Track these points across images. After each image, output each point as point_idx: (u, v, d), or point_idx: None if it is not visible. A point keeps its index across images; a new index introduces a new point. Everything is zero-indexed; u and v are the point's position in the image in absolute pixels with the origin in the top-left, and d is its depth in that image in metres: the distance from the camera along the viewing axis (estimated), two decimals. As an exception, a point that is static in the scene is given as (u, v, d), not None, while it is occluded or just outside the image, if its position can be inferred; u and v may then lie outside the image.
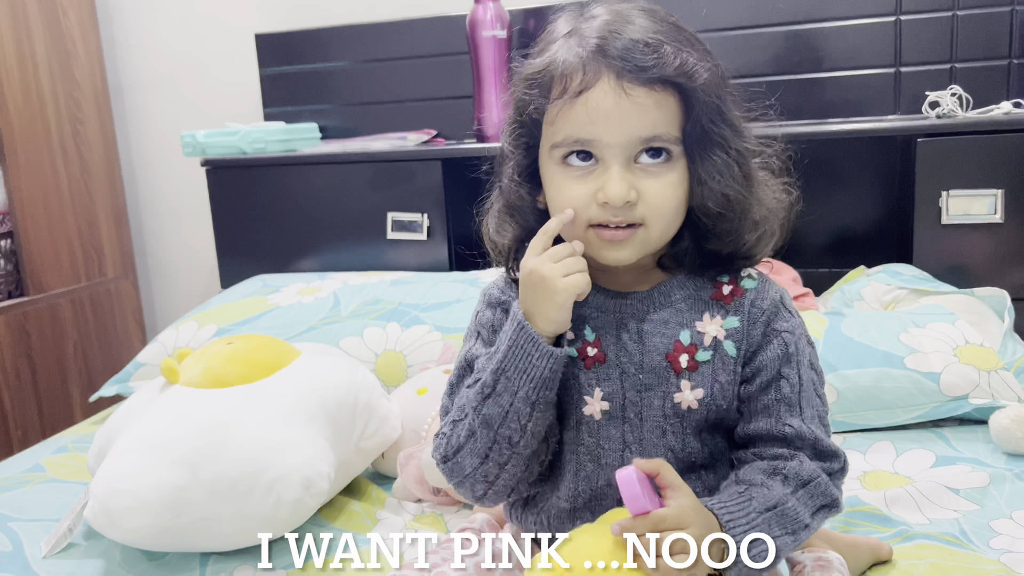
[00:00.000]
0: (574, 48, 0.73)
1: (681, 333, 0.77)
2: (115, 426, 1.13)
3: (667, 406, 0.77)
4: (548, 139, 0.76)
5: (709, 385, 0.76)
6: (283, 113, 2.22)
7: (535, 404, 0.73)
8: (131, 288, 2.41)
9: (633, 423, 0.77)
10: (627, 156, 0.72)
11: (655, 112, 0.71)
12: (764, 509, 0.71)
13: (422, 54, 2.09)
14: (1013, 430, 1.20)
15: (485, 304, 0.84)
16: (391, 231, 1.90)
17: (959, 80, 1.77)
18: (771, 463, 0.75)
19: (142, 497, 0.96)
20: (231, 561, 1.03)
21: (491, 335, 0.81)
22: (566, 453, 0.80)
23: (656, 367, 0.77)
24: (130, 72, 2.41)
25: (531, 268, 0.74)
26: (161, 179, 2.45)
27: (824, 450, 0.76)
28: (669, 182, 0.73)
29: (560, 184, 0.75)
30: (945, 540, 1.00)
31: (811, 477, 0.74)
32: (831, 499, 0.75)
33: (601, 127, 0.71)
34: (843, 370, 1.34)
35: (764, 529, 0.70)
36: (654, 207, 0.73)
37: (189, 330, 1.64)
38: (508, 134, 0.80)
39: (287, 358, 1.18)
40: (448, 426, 0.79)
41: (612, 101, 0.71)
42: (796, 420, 0.76)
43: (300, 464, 1.01)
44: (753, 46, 1.88)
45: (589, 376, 0.78)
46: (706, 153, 0.73)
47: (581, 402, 0.78)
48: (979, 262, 1.61)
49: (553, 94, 0.73)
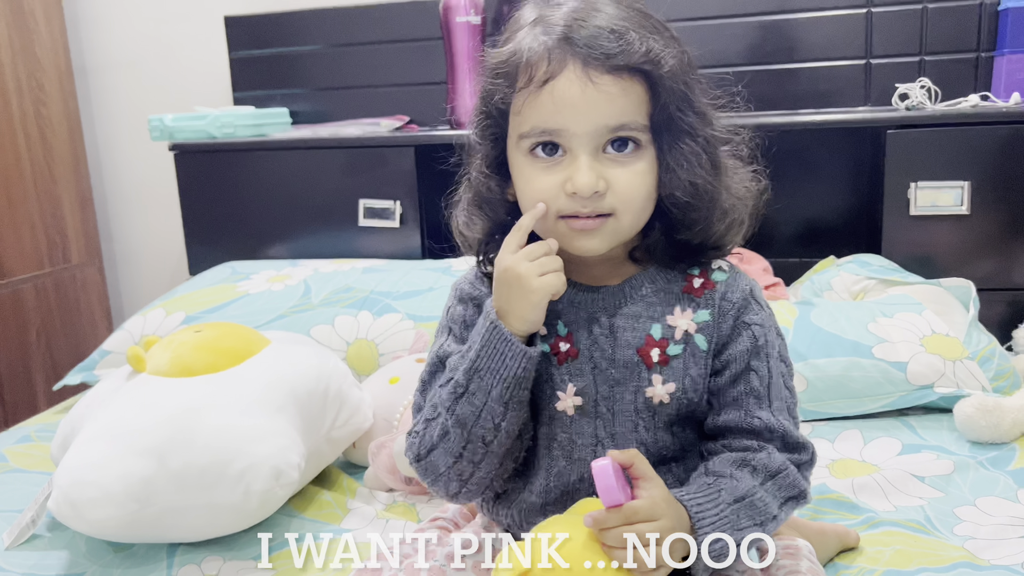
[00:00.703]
0: (539, 37, 0.72)
1: (652, 327, 0.77)
2: (79, 415, 1.11)
3: (639, 401, 0.77)
4: (515, 129, 0.75)
5: (680, 379, 0.76)
6: (253, 97, 2.18)
7: (509, 403, 0.73)
8: (97, 275, 2.36)
9: (605, 418, 0.77)
10: (595, 145, 0.72)
11: (622, 100, 0.71)
12: (733, 500, 0.71)
13: (395, 39, 2.07)
14: (977, 419, 1.22)
15: (456, 299, 0.83)
16: (363, 218, 1.89)
17: (928, 73, 1.79)
18: (740, 455, 0.75)
19: (107, 488, 0.95)
20: (200, 552, 1.02)
21: (463, 331, 0.80)
22: (539, 448, 0.80)
23: (628, 362, 0.77)
24: (95, 52, 2.36)
25: (506, 266, 0.73)
26: (128, 163, 2.40)
27: (793, 442, 0.77)
28: (637, 171, 0.73)
29: (528, 175, 0.74)
30: (910, 527, 1.02)
31: (779, 469, 0.75)
32: (799, 491, 0.76)
33: (568, 116, 0.71)
34: (812, 359, 1.35)
35: (732, 521, 0.70)
36: (623, 196, 0.72)
37: (156, 317, 1.62)
38: (475, 125, 0.79)
39: (256, 346, 1.16)
40: (421, 425, 0.78)
41: (578, 90, 0.70)
42: (765, 412, 0.76)
43: (270, 454, 1.00)
44: (726, 35, 1.88)
45: (562, 372, 0.78)
46: (674, 141, 0.73)
47: (554, 398, 0.78)
48: (946, 253, 1.63)
49: (519, 84, 0.73)
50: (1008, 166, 1.58)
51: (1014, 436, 1.23)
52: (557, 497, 0.79)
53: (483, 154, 0.79)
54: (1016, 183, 1.58)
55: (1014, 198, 1.59)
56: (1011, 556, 0.95)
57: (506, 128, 0.76)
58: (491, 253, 0.81)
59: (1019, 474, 1.14)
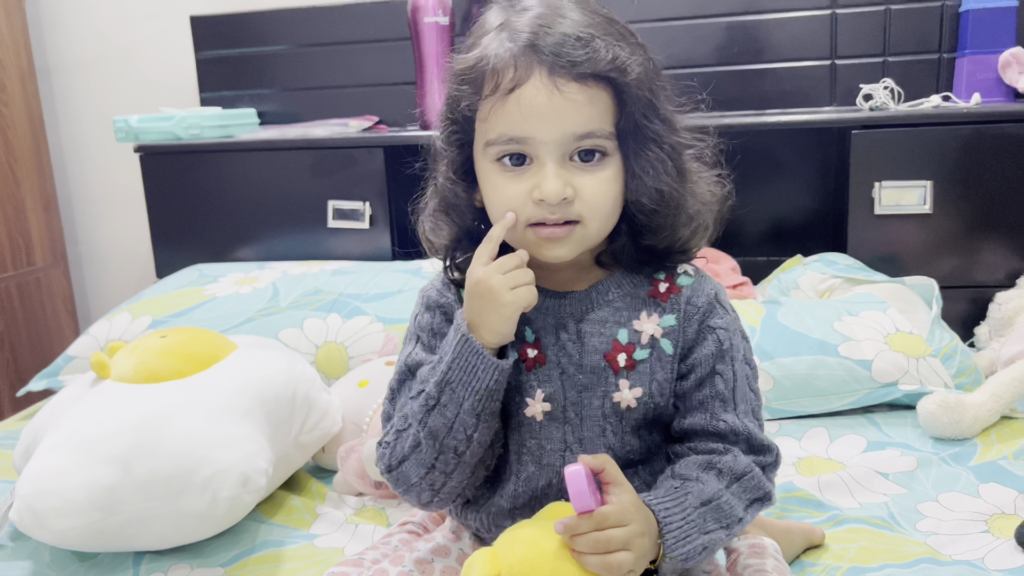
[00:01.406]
0: (505, 43, 0.72)
1: (619, 332, 0.77)
2: (42, 423, 1.10)
3: (606, 406, 0.77)
4: (482, 136, 0.74)
5: (647, 383, 0.77)
6: (220, 98, 2.16)
7: (480, 415, 0.73)
8: (62, 278, 2.33)
9: (574, 423, 0.78)
10: (561, 153, 0.72)
11: (588, 108, 0.71)
12: (700, 504, 0.72)
13: (363, 39, 2.06)
14: (940, 415, 1.25)
15: (423, 306, 0.83)
16: (332, 219, 1.88)
17: (891, 73, 1.81)
18: (706, 458, 0.76)
19: (70, 497, 0.93)
20: (166, 560, 1.01)
21: (431, 339, 0.80)
22: (508, 454, 0.80)
23: (595, 367, 0.77)
24: (58, 52, 2.32)
25: (478, 278, 0.73)
26: (92, 165, 2.37)
27: (757, 444, 0.77)
28: (604, 178, 0.73)
29: (495, 183, 0.74)
30: (874, 524, 1.03)
31: (745, 471, 0.75)
32: (764, 492, 0.76)
33: (534, 124, 0.70)
34: (779, 358, 1.36)
35: (699, 524, 0.71)
36: (590, 204, 0.73)
37: (123, 322, 1.60)
38: (442, 130, 0.79)
39: (223, 351, 1.15)
40: (392, 435, 0.78)
41: (544, 97, 0.70)
42: (730, 416, 0.77)
43: (237, 460, 1.00)
44: (693, 36, 1.89)
45: (530, 378, 0.78)
46: (640, 148, 0.73)
47: (523, 404, 0.78)
48: (910, 251, 1.66)
49: (485, 91, 0.72)
50: (969, 166, 1.61)
51: (975, 432, 1.26)
52: (526, 502, 0.80)
53: (449, 160, 0.78)
54: (977, 182, 1.61)
55: (975, 197, 1.62)
56: (972, 551, 0.97)
57: (472, 134, 0.76)
58: (458, 259, 0.81)
59: (980, 470, 1.16)
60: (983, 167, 1.60)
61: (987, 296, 1.62)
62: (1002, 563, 0.93)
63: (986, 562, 0.94)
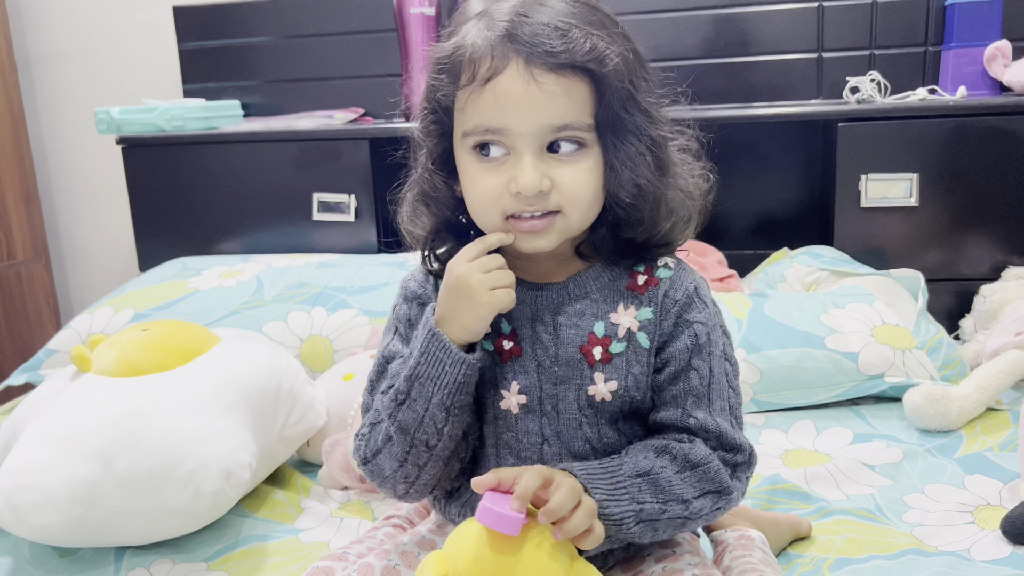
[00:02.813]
0: (483, 32, 0.71)
1: (595, 325, 0.76)
2: (22, 417, 1.08)
3: (581, 399, 0.76)
4: (459, 126, 0.73)
5: (623, 377, 0.76)
6: (203, 90, 2.14)
7: (450, 409, 0.72)
8: (43, 271, 2.30)
9: (550, 416, 0.77)
10: (538, 144, 0.71)
11: (565, 100, 0.69)
12: (634, 475, 0.71)
13: (349, 30, 2.05)
14: (925, 407, 1.25)
15: (402, 298, 0.82)
16: (317, 212, 1.86)
17: (878, 66, 1.82)
18: (663, 442, 0.75)
19: (50, 492, 0.92)
20: (148, 555, 1.00)
21: (408, 330, 0.80)
22: (487, 447, 0.79)
23: (570, 360, 0.76)
24: (39, 43, 2.29)
25: (459, 274, 0.72)
26: (74, 157, 2.34)
27: (729, 443, 0.76)
28: (583, 169, 0.72)
29: (473, 174, 0.73)
30: (861, 515, 1.03)
31: (701, 461, 0.74)
32: (721, 486, 0.74)
33: (510, 115, 0.69)
34: (766, 351, 1.36)
35: (631, 493, 0.70)
36: (569, 195, 0.72)
37: (104, 315, 1.58)
38: (421, 119, 0.78)
39: (206, 344, 1.14)
40: (367, 427, 0.78)
41: (521, 88, 0.68)
42: (702, 412, 0.75)
43: (220, 454, 0.98)
44: (680, 29, 1.89)
45: (505, 370, 0.77)
46: (619, 140, 0.72)
47: (499, 396, 0.77)
48: (896, 244, 1.66)
49: (462, 80, 0.71)
50: (955, 159, 1.61)
51: (961, 424, 1.26)
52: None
53: (428, 150, 0.78)
54: (963, 175, 1.61)
55: (961, 190, 1.62)
56: (958, 542, 0.97)
57: (451, 124, 0.75)
58: (437, 249, 0.80)
59: (966, 461, 1.16)
60: (969, 160, 1.61)
61: (972, 289, 1.63)
62: (987, 554, 0.94)
63: (972, 553, 0.94)
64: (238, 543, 1.02)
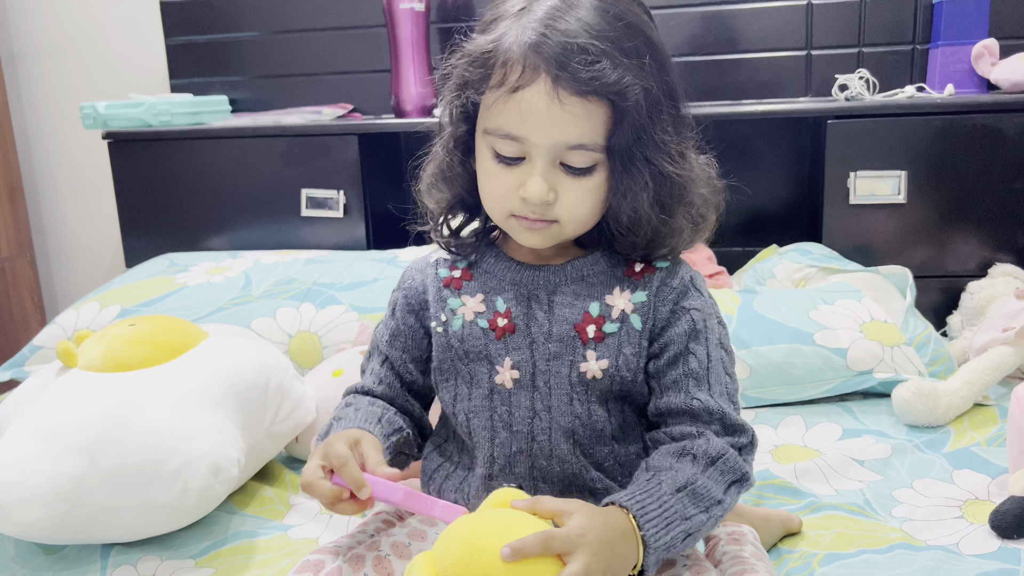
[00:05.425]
0: (519, 37, 0.73)
1: (591, 305, 0.80)
2: (6, 413, 1.07)
3: (573, 375, 0.79)
4: (483, 121, 0.77)
5: (614, 356, 0.78)
6: (191, 84, 2.13)
7: None
8: (28, 268, 2.28)
9: (542, 391, 0.79)
10: (552, 157, 0.74)
11: (584, 122, 0.73)
12: (675, 490, 0.71)
13: (338, 26, 2.04)
14: (914, 403, 1.25)
15: (399, 284, 0.90)
16: (306, 208, 1.85)
17: (866, 64, 1.82)
18: (680, 444, 0.76)
19: (35, 488, 0.91)
20: (135, 552, 0.99)
21: (393, 314, 0.89)
22: (481, 421, 0.81)
23: (564, 336, 0.79)
24: (24, 37, 2.26)
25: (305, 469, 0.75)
26: (60, 152, 2.32)
27: (732, 424, 0.77)
28: (587, 187, 0.76)
29: (488, 168, 0.78)
30: (850, 510, 1.04)
31: (720, 453, 0.75)
32: (741, 473, 0.76)
33: (531, 127, 0.73)
34: (755, 347, 1.37)
35: (679, 510, 0.70)
36: (569, 210, 0.76)
37: (90, 311, 1.56)
38: (448, 103, 0.81)
39: (194, 340, 1.13)
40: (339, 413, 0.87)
41: (545, 105, 0.72)
42: (704, 394, 0.77)
43: (208, 450, 0.98)
44: (669, 26, 1.89)
45: (499, 346, 0.80)
46: (626, 168, 0.75)
47: (493, 371, 0.80)
48: (884, 241, 1.67)
49: (492, 81, 0.75)
50: (942, 156, 1.62)
51: (949, 419, 1.27)
52: (501, 468, 0.81)
53: (450, 132, 0.82)
54: (950, 173, 1.62)
55: (948, 187, 1.63)
56: (946, 536, 0.97)
57: (475, 113, 0.79)
58: (451, 219, 0.87)
59: (954, 456, 1.17)
60: (956, 157, 1.62)
61: (959, 286, 1.64)
62: (976, 548, 0.94)
63: (960, 547, 0.95)
64: (226, 540, 1.01)
